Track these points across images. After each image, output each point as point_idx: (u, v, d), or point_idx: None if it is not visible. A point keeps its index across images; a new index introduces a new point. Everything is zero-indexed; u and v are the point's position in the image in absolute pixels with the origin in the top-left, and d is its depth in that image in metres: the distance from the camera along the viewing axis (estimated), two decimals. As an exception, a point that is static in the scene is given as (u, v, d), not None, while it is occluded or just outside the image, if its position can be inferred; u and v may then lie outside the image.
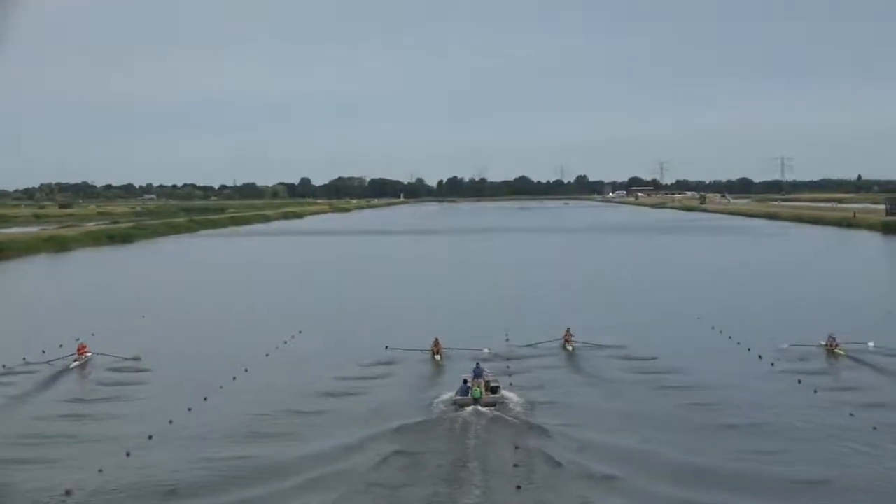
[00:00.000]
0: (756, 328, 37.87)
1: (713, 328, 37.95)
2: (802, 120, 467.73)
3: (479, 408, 25.11)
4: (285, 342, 35.82)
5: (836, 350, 32.13)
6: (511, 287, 55.33)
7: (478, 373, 26.80)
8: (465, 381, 26.29)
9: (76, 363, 31.96)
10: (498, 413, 24.85)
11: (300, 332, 37.67)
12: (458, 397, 25.87)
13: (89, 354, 32.87)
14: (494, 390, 26.31)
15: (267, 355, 33.43)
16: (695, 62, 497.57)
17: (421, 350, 33.28)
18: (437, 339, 33.66)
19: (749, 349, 33.39)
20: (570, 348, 34.35)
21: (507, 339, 36.15)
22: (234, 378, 29.54)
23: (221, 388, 28.26)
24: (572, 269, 68.66)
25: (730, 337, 35.81)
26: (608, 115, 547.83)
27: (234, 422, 24.46)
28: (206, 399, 26.88)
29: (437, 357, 32.89)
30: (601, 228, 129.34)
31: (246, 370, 30.46)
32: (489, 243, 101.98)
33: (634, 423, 23.66)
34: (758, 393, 27.10)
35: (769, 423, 23.65)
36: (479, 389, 25.78)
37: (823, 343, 32.90)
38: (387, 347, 33.82)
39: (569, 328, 35.24)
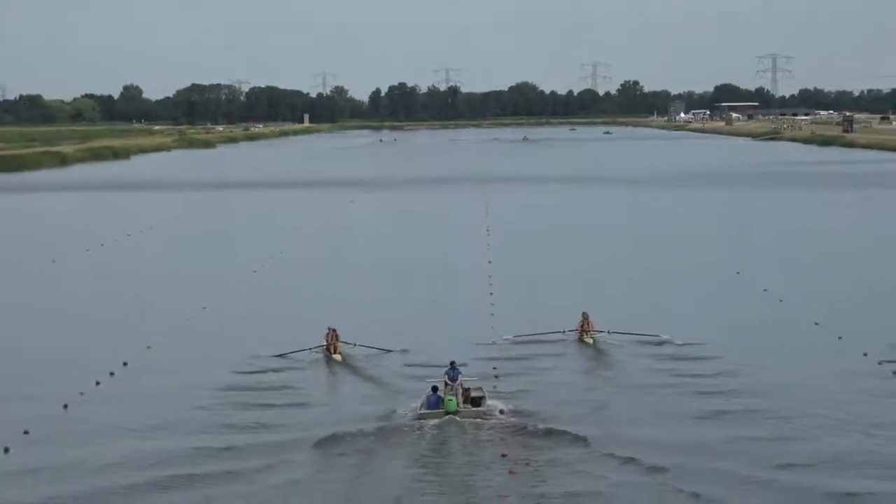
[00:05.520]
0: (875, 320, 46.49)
1: (817, 323, 45.98)
2: None
3: (459, 419, 32.23)
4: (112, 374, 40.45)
5: None
6: (490, 257, 63.72)
7: (453, 375, 33.82)
8: (436, 390, 33.35)
9: None
10: (483, 421, 32.17)
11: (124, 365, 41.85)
12: (426, 411, 32.83)
13: None
14: (476, 402, 33.34)
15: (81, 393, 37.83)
16: None
17: (310, 349, 42.00)
18: (333, 331, 42.12)
19: (840, 338, 42.87)
20: (591, 340, 42.80)
21: (493, 328, 44.96)
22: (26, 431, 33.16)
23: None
24: (601, 240, 77.19)
25: (842, 337, 43.75)
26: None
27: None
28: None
29: (337, 356, 41.56)
30: (655, 178, 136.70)
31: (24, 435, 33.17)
32: (458, 203, 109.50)
33: (680, 453, 30.09)
34: (852, 402, 34.54)
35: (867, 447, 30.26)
36: (455, 399, 32.82)
37: None
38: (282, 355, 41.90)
39: (586, 314, 43.64)
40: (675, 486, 27.48)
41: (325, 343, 42.17)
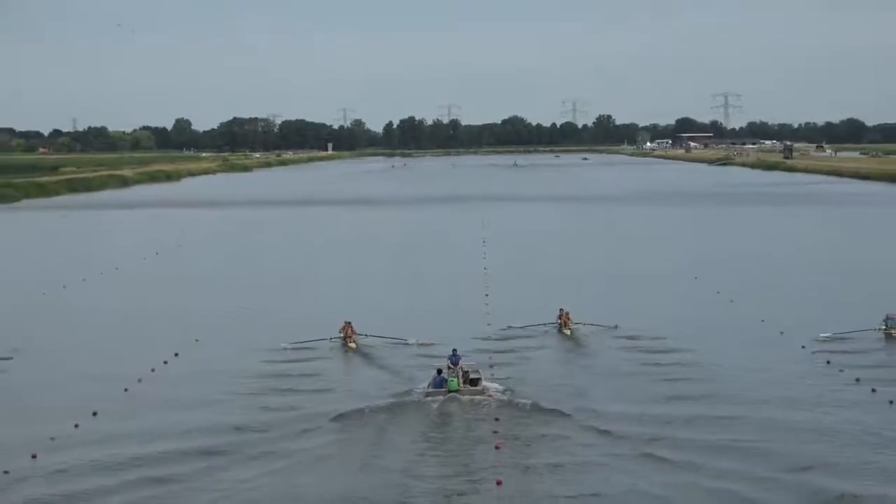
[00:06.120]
0: (811, 317, 46.93)
1: (763, 320, 46.25)
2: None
3: (459, 397, 32.69)
4: (166, 362, 40.32)
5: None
6: (486, 263, 64.25)
7: (454, 360, 34.24)
8: (440, 372, 33.74)
9: None
10: (480, 398, 32.69)
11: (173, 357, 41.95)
12: (432, 390, 33.26)
13: None
14: (475, 382, 33.66)
15: (146, 378, 38.95)
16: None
17: (329, 339, 42.51)
18: (348, 324, 42.68)
19: (781, 333, 43.22)
20: (569, 332, 43.61)
21: (489, 325, 45.58)
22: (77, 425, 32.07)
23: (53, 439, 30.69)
24: (577, 246, 78.02)
25: (783, 333, 44.24)
26: (642, 20, 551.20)
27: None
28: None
29: (352, 345, 42.00)
30: (625, 196, 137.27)
31: (94, 414, 33.02)
32: (452, 217, 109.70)
33: (647, 424, 30.69)
34: (792, 385, 35.17)
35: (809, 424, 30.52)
36: (457, 380, 33.22)
37: (882, 326, 42.17)
38: (284, 347, 41.88)
39: (563, 309, 44.61)
40: (648, 453, 27.89)
41: (341, 334, 42.53)
